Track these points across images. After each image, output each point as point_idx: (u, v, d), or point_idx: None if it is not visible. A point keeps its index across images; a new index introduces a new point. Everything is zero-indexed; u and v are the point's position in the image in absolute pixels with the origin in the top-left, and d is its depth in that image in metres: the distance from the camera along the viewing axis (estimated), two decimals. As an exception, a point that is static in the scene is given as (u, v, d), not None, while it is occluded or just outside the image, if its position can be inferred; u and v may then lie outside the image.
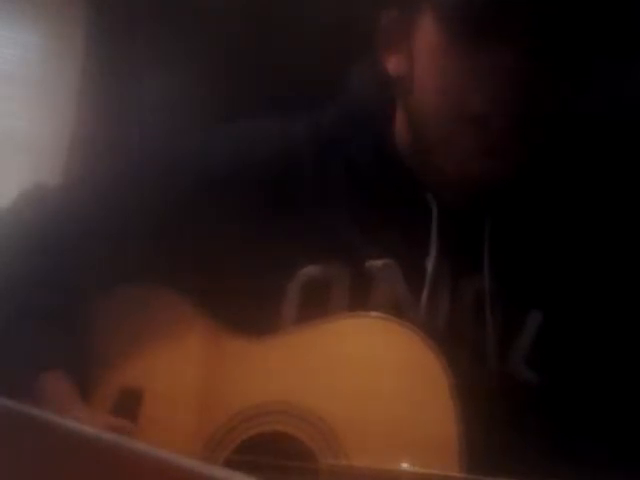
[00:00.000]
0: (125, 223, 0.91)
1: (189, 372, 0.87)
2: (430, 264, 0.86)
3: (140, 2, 1.46)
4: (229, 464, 0.80)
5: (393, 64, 0.88)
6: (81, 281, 0.90)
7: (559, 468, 0.73)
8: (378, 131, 0.90)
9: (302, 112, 0.96)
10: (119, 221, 0.92)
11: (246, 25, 1.38)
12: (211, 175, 0.91)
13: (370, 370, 0.80)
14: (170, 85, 1.46)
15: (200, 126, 1.26)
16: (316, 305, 0.86)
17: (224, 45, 1.38)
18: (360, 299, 0.86)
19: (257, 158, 0.91)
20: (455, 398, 0.76)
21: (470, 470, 0.73)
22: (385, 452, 0.76)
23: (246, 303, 0.87)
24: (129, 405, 0.85)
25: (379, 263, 0.86)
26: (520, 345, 0.87)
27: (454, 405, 0.75)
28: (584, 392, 0.87)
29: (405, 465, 0.75)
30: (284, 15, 1.33)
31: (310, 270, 0.86)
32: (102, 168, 1.09)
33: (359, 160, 0.90)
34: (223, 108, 1.33)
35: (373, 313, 0.83)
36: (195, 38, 1.43)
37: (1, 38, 1.58)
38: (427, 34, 0.83)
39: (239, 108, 1.28)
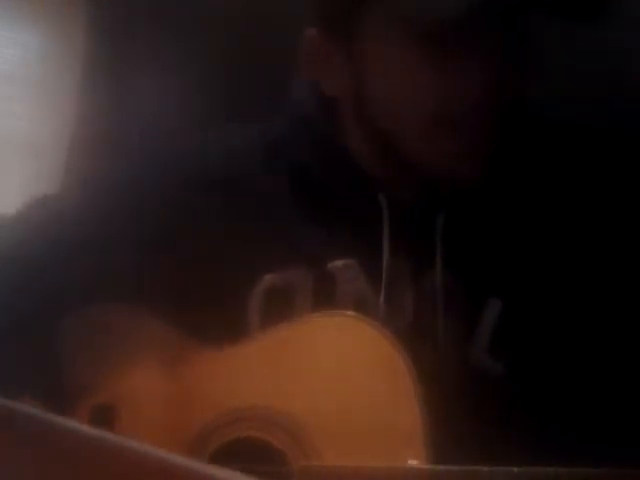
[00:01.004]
0: (88, 238, 0.91)
1: (158, 385, 0.87)
2: (384, 263, 0.87)
3: (140, 2, 1.46)
4: None
5: (330, 83, 0.89)
6: (52, 303, 0.89)
7: (524, 455, 0.74)
8: (323, 137, 0.91)
9: (253, 119, 0.97)
10: (80, 238, 0.92)
11: (246, 25, 1.38)
12: (166, 182, 0.92)
13: (336, 368, 0.81)
14: (170, 85, 1.46)
15: (200, 126, 1.26)
16: (280, 311, 0.86)
17: (224, 45, 1.38)
18: (324, 301, 0.86)
19: (211, 166, 0.92)
20: (419, 393, 0.77)
21: (436, 462, 0.75)
22: (356, 449, 0.76)
23: (211, 313, 0.87)
24: (102, 422, 0.85)
25: (340, 264, 0.87)
26: (481, 335, 0.88)
27: (419, 400, 0.76)
28: (547, 378, 0.88)
29: (376, 460, 0.75)
30: (285, 15, 1.33)
31: (271, 277, 0.87)
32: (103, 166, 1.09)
33: (310, 164, 0.91)
34: (223, 108, 1.33)
35: (338, 312, 0.84)
36: (195, 38, 1.43)
37: (1, 38, 1.58)
38: (384, 43, 0.84)
39: (239, 108, 1.28)
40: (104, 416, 0.85)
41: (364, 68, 0.86)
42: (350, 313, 0.83)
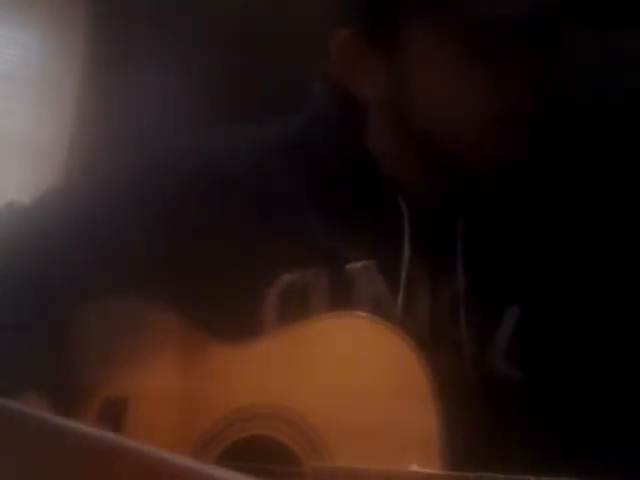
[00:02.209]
0: (106, 231, 0.91)
1: (172, 380, 0.86)
2: (404, 266, 0.87)
3: (140, 2, 1.46)
4: None
5: (363, 84, 0.88)
6: (62, 296, 0.89)
7: (541, 463, 0.74)
8: (345, 138, 0.91)
9: (271, 118, 0.97)
10: (96, 229, 0.92)
11: (246, 25, 1.38)
12: (182, 181, 0.91)
13: (352, 370, 0.80)
14: (170, 85, 1.46)
15: (200, 126, 1.26)
16: (296, 310, 0.86)
17: (224, 45, 1.38)
18: (341, 302, 0.86)
19: (229, 164, 0.92)
20: (436, 396, 0.76)
21: (452, 467, 0.74)
22: (369, 452, 0.76)
23: (227, 309, 0.87)
24: (113, 415, 0.85)
25: (358, 265, 0.87)
26: (499, 341, 0.88)
27: (435, 404, 0.76)
28: (565, 386, 0.87)
29: (389, 464, 0.75)
30: (285, 15, 1.33)
31: (288, 277, 0.86)
32: (91, 175, 1.09)
33: (328, 165, 0.90)
34: (223, 108, 1.33)
35: (354, 312, 0.83)
36: (195, 38, 1.43)
37: (1, 38, 1.58)
38: (427, 46, 0.85)
39: (239, 108, 1.28)
40: (114, 410, 0.85)
41: (407, 70, 0.86)
42: (366, 314, 0.82)
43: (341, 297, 0.86)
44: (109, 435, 0.50)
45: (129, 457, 0.47)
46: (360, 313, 0.82)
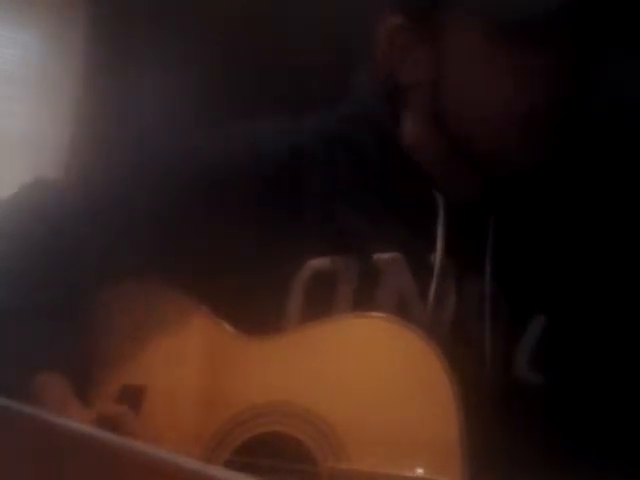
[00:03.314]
0: (127, 221, 0.91)
1: (190, 371, 0.86)
2: (437, 260, 0.86)
3: (140, 3, 1.46)
4: (229, 465, 0.80)
5: (408, 73, 0.89)
6: (82, 279, 0.90)
7: (562, 472, 0.73)
8: (384, 129, 0.91)
9: (306, 113, 0.97)
10: (121, 219, 0.91)
11: (246, 25, 1.38)
12: (214, 172, 0.91)
13: (372, 372, 0.79)
14: (170, 85, 1.46)
15: (200, 126, 1.26)
16: (322, 299, 0.85)
17: (224, 45, 1.39)
18: (367, 292, 0.86)
19: (261, 153, 0.92)
20: (458, 401, 0.75)
21: (472, 474, 0.73)
22: (387, 456, 0.75)
23: (250, 300, 0.87)
24: (130, 403, 0.85)
25: (387, 256, 0.86)
26: (524, 348, 0.87)
27: (456, 408, 0.74)
28: (589, 396, 0.87)
29: (408, 470, 0.74)
30: (285, 15, 1.33)
31: (316, 262, 0.86)
32: (104, 166, 1.09)
33: (366, 156, 0.90)
34: (223, 108, 1.33)
35: (377, 313, 0.83)
36: (194, 38, 1.43)
37: (1, 38, 1.58)
38: (465, 39, 0.85)
39: (239, 108, 1.28)
40: (131, 398, 0.85)
41: (444, 60, 0.86)
42: (390, 315, 0.81)
43: (367, 287, 0.86)
44: (110, 435, 0.50)
45: (129, 457, 0.47)
46: (384, 314, 0.82)
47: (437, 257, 0.86)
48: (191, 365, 0.87)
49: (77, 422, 0.76)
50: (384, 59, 0.89)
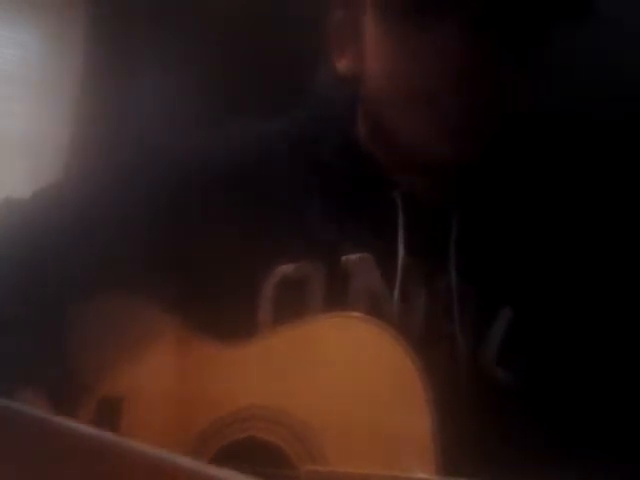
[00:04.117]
0: (101, 227, 0.91)
1: (167, 380, 0.86)
2: (399, 261, 0.86)
3: (140, 3, 1.46)
4: None
5: (343, 64, 0.89)
6: (63, 293, 0.90)
7: (536, 467, 0.73)
8: (342, 130, 0.91)
9: (275, 114, 0.97)
10: (95, 226, 0.92)
11: (246, 25, 1.38)
12: (181, 175, 0.92)
13: (347, 372, 0.79)
14: (170, 85, 1.46)
15: (200, 126, 1.26)
16: (292, 303, 0.86)
17: (224, 45, 1.39)
18: (337, 295, 0.86)
19: (229, 159, 0.92)
20: (430, 398, 0.75)
21: (446, 471, 0.73)
22: (364, 455, 0.75)
23: (221, 306, 0.87)
24: (109, 414, 0.85)
25: (355, 257, 0.87)
26: (491, 343, 0.87)
27: (429, 406, 0.75)
28: (557, 389, 0.87)
29: (384, 469, 0.74)
30: (285, 15, 1.33)
31: (285, 268, 0.87)
32: (88, 172, 1.09)
33: (326, 159, 0.91)
34: (223, 108, 1.33)
35: (349, 313, 0.83)
36: (195, 38, 1.43)
37: (1, 38, 1.58)
38: (370, 26, 0.85)
39: (239, 108, 1.28)
40: (111, 409, 0.85)
41: (363, 48, 0.87)
42: (362, 315, 0.82)
43: (338, 289, 0.86)
44: (109, 435, 0.50)
45: (129, 457, 0.47)
46: (356, 314, 0.82)
47: (399, 258, 0.86)
48: (168, 374, 0.87)
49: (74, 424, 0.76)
50: (332, 56, 0.89)
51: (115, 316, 0.89)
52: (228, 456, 0.80)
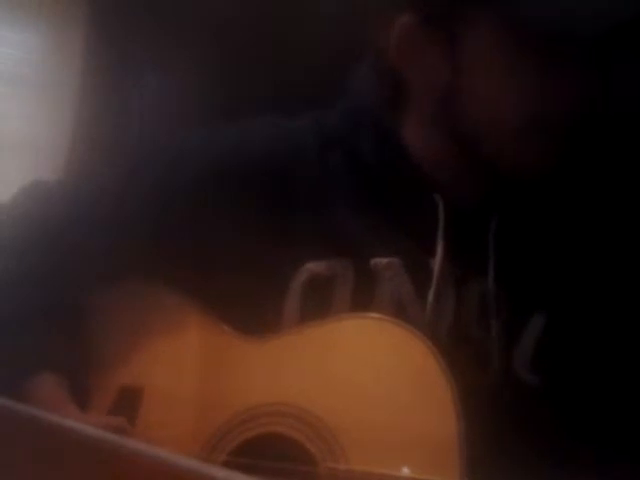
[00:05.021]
0: (125, 221, 0.91)
1: (188, 372, 0.86)
2: (437, 264, 0.86)
3: (140, 2, 1.46)
4: (226, 466, 0.80)
5: (421, 73, 0.88)
6: (79, 281, 0.90)
7: (562, 472, 0.73)
8: (385, 129, 0.90)
9: (303, 112, 0.96)
10: (118, 219, 0.92)
11: (247, 25, 1.38)
12: (211, 172, 0.91)
13: (371, 372, 0.79)
14: (170, 85, 1.46)
15: (200, 126, 1.26)
16: (319, 302, 0.86)
17: (223, 45, 1.38)
18: (364, 297, 0.86)
19: (259, 154, 0.92)
20: (456, 402, 0.75)
21: (471, 475, 0.72)
22: (385, 456, 0.75)
23: (247, 301, 0.87)
24: (128, 404, 0.85)
25: (384, 261, 0.86)
26: (524, 348, 0.87)
27: (455, 409, 0.74)
28: (588, 396, 0.87)
29: (406, 470, 0.74)
30: (285, 15, 1.33)
31: (314, 266, 0.86)
32: (103, 166, 1.09)
33: (364, 158, 0.90)
34: (223, 108, 1.33)
35: (374, 314, 0.83)
36: (195, 38, 1.43)
37: (1, 38, 1.58)
38: (485, 43, 0.84)
39: (239, 108, 1.28)
40: (130, 399, 0.85)
41: (461, 63, 0.86)
42: (387, 317, 0.81)
43: (364, 291, 0.86)
44: (109, 435, 0.50)
45: (129, 457, 0.47)
46: (381, 315, 0.82)
47: (437, 262, 0.86)
48: (189, 366, 0.87)
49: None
50: (395, 58, 0.88)
51: (137, 306, 0.89)
52: (248, 451, 0.80)
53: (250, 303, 0.87)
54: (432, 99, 0.88)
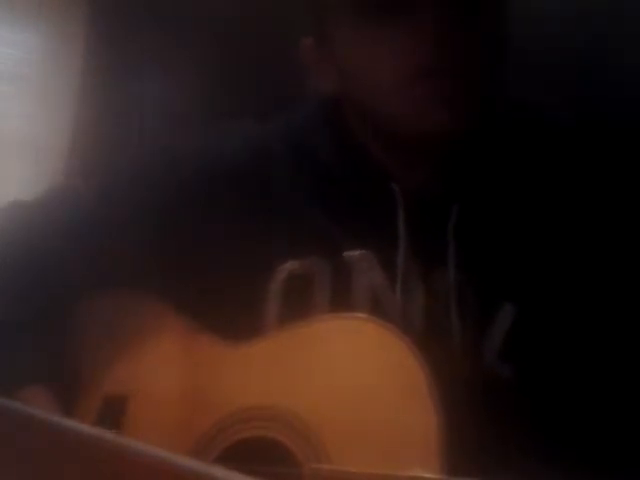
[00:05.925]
0: (105, 228, 0.92)
1: (171, 378, 0.87)
2: (400, 256, 0.86)
3: (140, 2, 1.46)
4: None
5: (325, 87, 0.91)
6: (64, 293, 0.90)
7: (537, 464, 0.73)
8: (337, 130, 0.92)
9: (280, 114, 0.98)
10: (98, 227, 0.92)
11: (246, 25, 1.38)
12: (182, 176, 0.92)
13: (351, 372, 0.79)
14: (170, 85, 1.46)
15: (199, 126, 1.26)
16: (299, 301, 0.86)
17: (223, 45, 1.39)
18: (341, 292, 0.86)
19: (228, 158, 0.93)
20: (434, 396, 0.75)
21: (450, 469, 0.72)
22: (367, 454, 0.75)
23: (228, 305, 0.88)
24: (113, 413, 0.85)
25: (356, 254, 0.87)
26: (494, 340, 0.87)
27: (434, 404, 0.75)
28: (559, 387, 0.87)
29: (388, 467, 0.74)
30: (285, 15, 1.33)
31: (289, 265, 0.87)
32: (102, 166, 1.09)
33: (326, 156, 0.91)
34: (223, 108, 1.33)
35: (353, 314, 0.83)
36: (195, 38, 1.43)
37: (1, 38, 1.58)
38: (345, 34, 0.86)
39: (239, 108, 1.28)
40: (114, 408, 0.85)
41: (342, 62, 0.88)
42: (366, 316, 0.82)
43: (342, 286, 0.87)
44: (109, 435, 0.50)
45: (129, 457, 0.47)
46: (362, 315, 0.82)
47: (400, 254, 0.86)
48: (172, 373, 0.87)
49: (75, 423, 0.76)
50: (311, 77, 0.92)
51: (118, 315, 0.89)
52: (233, 456, 0.80)
53: (231, 306, 0.87)
54: (342, 101, 0.91)
